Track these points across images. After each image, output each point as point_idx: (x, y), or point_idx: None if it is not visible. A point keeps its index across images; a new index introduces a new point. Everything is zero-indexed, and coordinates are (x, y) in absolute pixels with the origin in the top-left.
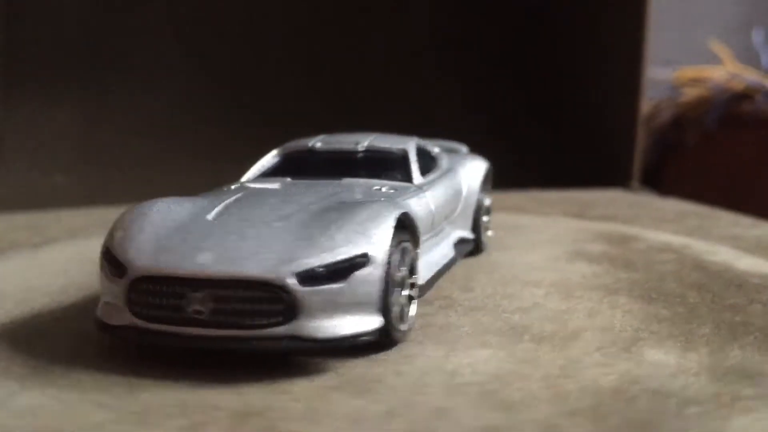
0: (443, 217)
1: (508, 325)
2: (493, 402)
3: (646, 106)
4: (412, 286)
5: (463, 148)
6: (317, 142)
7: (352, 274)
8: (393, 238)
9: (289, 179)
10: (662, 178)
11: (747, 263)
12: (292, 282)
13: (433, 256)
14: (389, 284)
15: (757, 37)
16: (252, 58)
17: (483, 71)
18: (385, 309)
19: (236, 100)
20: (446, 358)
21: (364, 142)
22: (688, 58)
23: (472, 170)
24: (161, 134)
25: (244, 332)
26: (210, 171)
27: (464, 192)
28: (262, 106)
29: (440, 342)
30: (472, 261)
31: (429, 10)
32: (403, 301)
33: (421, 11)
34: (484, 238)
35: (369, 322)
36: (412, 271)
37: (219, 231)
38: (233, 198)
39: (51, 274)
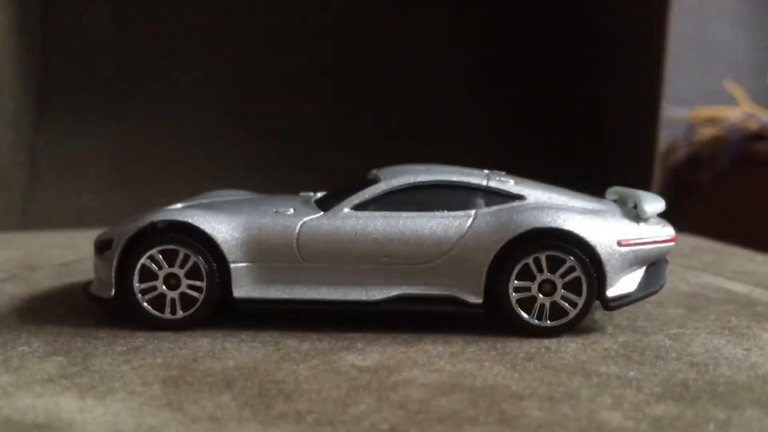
0: (356, 255)
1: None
2: None
3: (662, 144)
4: (196, 288)
5: (648, 207)
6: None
7: (103, 253)
8: (153, 240)
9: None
10: (677, 215)
11: None
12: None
13: (292, 286)
14: (128, 271)
15: None
16: (284, 85)
17: (500, 113)
18: (122, 288)
19: (267, 127)
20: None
21: (382, 173)
22: (704, 99)
23: (511, 227)
24: (188, 158)
25: None
26: None
27: (456, 242)
28: (292, 134)
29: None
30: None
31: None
32: (174, 295)
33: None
34: (519, 313)
35: (107, 291)
36: (199, 275)
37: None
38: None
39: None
